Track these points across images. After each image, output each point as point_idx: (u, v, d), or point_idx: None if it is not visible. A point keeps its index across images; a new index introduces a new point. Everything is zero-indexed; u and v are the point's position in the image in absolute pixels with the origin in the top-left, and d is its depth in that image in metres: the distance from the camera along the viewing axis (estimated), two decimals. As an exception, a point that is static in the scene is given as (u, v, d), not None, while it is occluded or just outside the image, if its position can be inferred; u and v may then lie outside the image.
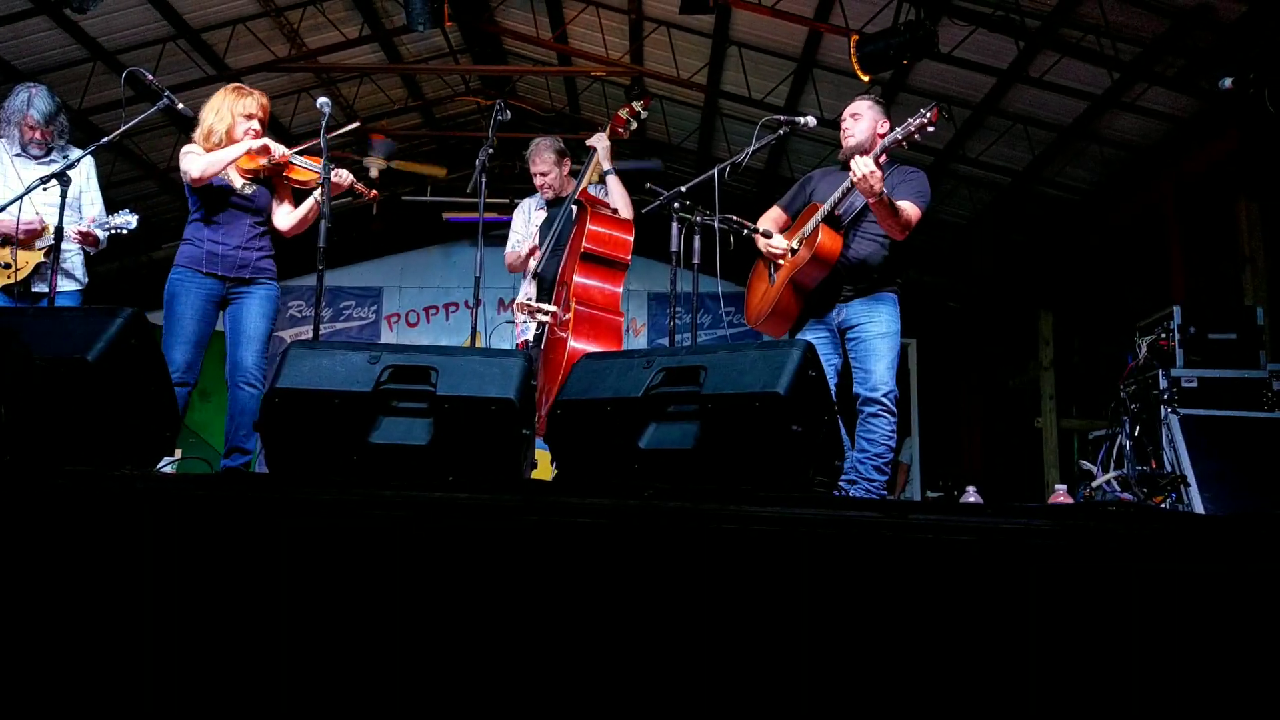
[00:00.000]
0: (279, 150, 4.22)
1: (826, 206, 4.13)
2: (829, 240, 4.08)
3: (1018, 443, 10.23)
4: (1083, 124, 7.88)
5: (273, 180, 4.34)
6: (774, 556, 1.89)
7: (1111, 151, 8.18)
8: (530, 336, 4.87)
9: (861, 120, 4.24)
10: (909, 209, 4.02)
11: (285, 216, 4.36)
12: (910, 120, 3.91)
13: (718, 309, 10.89)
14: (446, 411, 2.59)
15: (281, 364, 2.68)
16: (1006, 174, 8.99)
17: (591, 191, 4.95)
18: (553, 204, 5.12)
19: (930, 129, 3.89)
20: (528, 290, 4.87)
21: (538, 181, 5.13)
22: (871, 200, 3.90)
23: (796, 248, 4.22)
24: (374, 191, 4.33)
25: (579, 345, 4.35)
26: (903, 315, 4.19)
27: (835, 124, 4.44)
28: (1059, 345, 10.03)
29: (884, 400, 3.99)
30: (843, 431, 3.11)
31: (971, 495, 5.15)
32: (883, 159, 4.02)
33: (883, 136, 4.09)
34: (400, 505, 2.03)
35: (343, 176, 4.20)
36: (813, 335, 4.13)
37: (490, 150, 4.52)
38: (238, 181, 4.26)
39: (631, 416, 2.62)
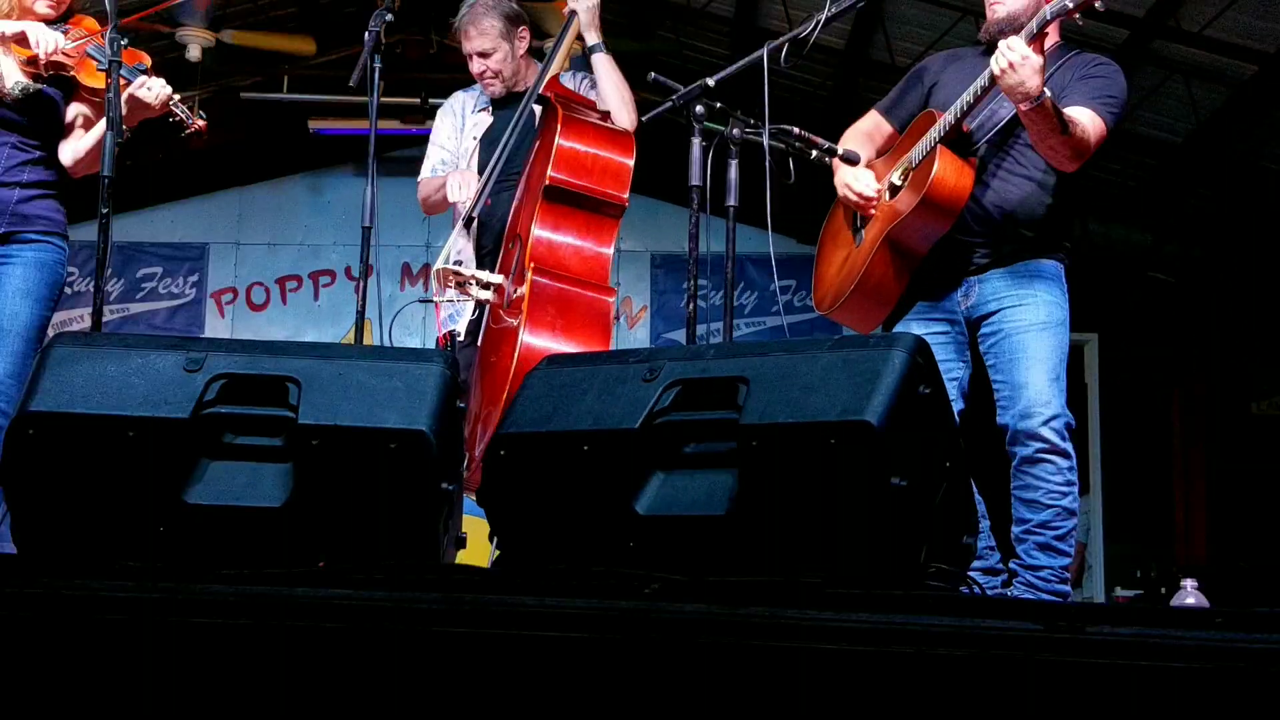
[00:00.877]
0: (50, 39, 3.30)
1: (949, 116, 3.27)
2: (953, 174, 3.24)
3: (1273, 506, 8.31)
4: None
5: (71, 85, 3.47)
6: (862, 694, 1.54)
7: None
8: (460, 327, 3.94)
9: None
10: (1087, 122, 3.13)
11: (70, 144, 3.50)
12: None
13: (769, 285, 8.12)
14: (314, 451, 2.07)
15: (39, 373, 2.12)
16: (1253, 58, 6.33)
17: (566, 82, 3.92)
18: (502, 104, 4.09)
19: None
20: (459, 247, 3.93)
21: (475, 68, 4.05)
22: (1024, 107, 3.07)
23: (900, 184, 3.38)
24: (202, 121, 3.45)
25: (537, 341, 3.52)
26: (1075, 296, 3.37)
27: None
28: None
29: (1046, 433, 3.15)
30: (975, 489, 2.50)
31: (1190, 594, 4.49)
32: (1049, 39, 3.16)
33: (1049, 2, 3.13)
34: (234, 608, 1.66)
35: (153, 90, 3.29)
36: (923, 329, 3.27)
37: (389, 18, 3.56)
38: (8, 80, 3.35)
39: (624, 461, 2.11)
